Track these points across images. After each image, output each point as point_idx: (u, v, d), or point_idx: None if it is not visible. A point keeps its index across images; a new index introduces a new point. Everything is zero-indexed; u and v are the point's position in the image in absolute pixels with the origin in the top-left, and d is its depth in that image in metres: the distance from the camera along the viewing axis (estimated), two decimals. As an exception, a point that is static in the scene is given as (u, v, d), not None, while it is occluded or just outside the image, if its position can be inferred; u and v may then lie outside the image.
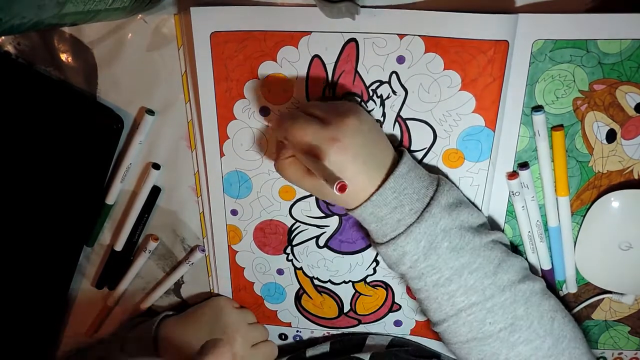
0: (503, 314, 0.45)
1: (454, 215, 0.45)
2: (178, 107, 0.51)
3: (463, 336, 0.47)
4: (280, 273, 0.57)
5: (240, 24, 0.46)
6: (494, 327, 0.45)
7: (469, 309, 0.45)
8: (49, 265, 0.56)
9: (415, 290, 0.48)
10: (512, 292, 0.45)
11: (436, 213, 0.44)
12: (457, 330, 0.47)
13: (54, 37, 0.50)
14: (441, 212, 0.44)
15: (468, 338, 0.46)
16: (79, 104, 0.51)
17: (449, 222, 0.44)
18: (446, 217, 0.44)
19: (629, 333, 0.55)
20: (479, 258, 0.45)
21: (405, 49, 0.45)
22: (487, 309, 0.45)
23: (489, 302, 0.45)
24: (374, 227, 0.45)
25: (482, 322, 0.46)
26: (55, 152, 0.51)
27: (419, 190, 0.44)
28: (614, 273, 0.51)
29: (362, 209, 0.44)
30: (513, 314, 0.45)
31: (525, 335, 0.46)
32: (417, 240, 0.44)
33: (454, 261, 0.44)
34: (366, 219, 0.45)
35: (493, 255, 0.46)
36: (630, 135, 0.47)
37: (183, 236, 0.57)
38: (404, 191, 0.44)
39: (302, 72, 0.47)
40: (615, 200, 0.48)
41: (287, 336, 0.61)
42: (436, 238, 0.44)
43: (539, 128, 0.46)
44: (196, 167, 0.53)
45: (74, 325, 0.63)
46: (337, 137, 0.41)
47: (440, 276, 0.45)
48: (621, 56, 0.44)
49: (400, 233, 0.44)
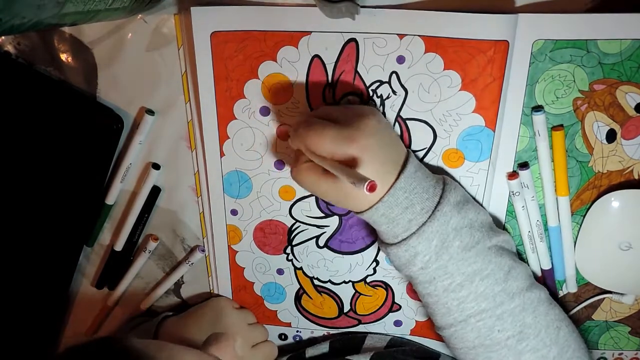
0: (512, 321, 0.45)
1: (463, 213, 0.45)
2: (178, 107, 0.51)
3: (470, 342, 0.46)
4: (280, 273, 0.57)
5: (240, 24, 0.46)
6: (502, 334, 0.45)
7: (478, 315, 0.45)
8: (49, 265, 0.56)
9: (423, 295, 0.47)
10: (521, 300, 0.45)
11: (447, 211, 0.44)
12: (464, 336, 0.46)
13: (54, 37, 0.50)
14: (451, 211, 0.44)
15: (475, 344, 0.46)
16: (79, 104, 0.51)
17: (459, 220, 0.44)
18: (456, 215, 0.44)
19: (629, 333, 0.55)
20: (490, 264, 0.45)
21: (405, 49, 0.45)
22: (497, 316, 0.45)
23: (498, 309, 0.45)
24: (385, 229, 0.45)
25: (490, 329, 0.45)
26: (55, 152, 0.51)
27: (428, 189, 0.44)
28: (614, 273, 0.51)
29: (374, 210, 0.44)
30: (522, 322, 0.45)
31: (532, 343, 0.45)
32: (429, 239, 0.44)
33: (466, 266, 0.44)
34: (377, 220, 0.45)
35: (503, 261, 0.46)
36: (630, 135, 0.47)
37: (183, 236, 0.57)
38: (413, 190, 0.43)
39: (302, 72, 0.47)
40: (615, 200, 0.48)
41: (287, 336, 0.61)
42: (448, 237, 0.44)
43: (539, 128, 0.46)
44: (196, 167, 0.53)
45: (74, 325, 0.63)
46: (356, 138, 0.41)
47: (451, 282, 0.45)
48: (621, 56, 0.44)
49: (412, 233, 0.44)
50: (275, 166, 0.51)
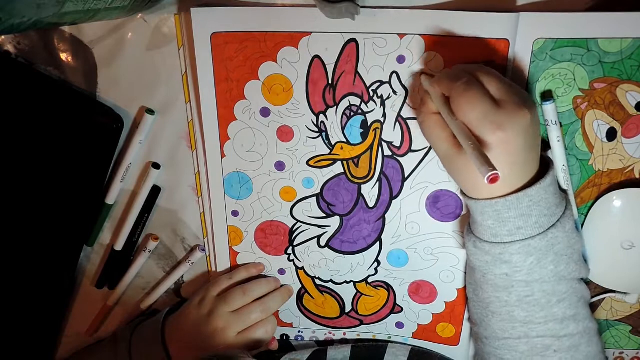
0: (569, 345, 0.45)
1: (571, 242, 0.44)
2: (178, 107, 0.51)
3: (518, 354, 0.46)
4: (281, 273, 0.57)
5: (240, 24, 0.46)
6: (556, 355, 0.45)
7: (542, 334, 0.45)
8: (49, 265, 0.56)
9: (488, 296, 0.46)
10: (584, 327, 0.46)
11: (559, 236, 0.43)
12: (517, 348, 0.46)
13: (54, 36, 0.49)
14: (562, 237, 0.43)
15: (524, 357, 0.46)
16: (78, 104, 0.51)
17: (563, 247, 0.43)
18: (563, 243, 0.43)
19: (630, 332, 0.55)
20: (570, 289, 0.45)
21: (405, 49, 0.45)
22: (558, 337, 0.45)
23: (563, 331, 0.45)
24: (490, 224, 0.43)
25: (547, 348, 0.45)
26: (55, 152, 0.51)
27: (550, 207, 0.42)
28: (616, 272, 0.51)
29: (491, 203, 0.42)
30: (576, 348, 0.45)
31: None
32: (529, 254, 0.42)
33: (549, 287, 0.44)
34: (487, 213, 0.42)
35: (580, 288, 0.46)
36: (630, 134, 0.47)
37: (183, 236, 0.57)
38: (539, 203, 0.41)
39: (303, 73, 0.47)
40: (617, 199, 0.48)
41: (289, 336, 0.61)
42: (547, 258, 0.43)
43: (550, 117, 0.45)
44: (197, 167, 0.53)
45: (74, 325, 0.63)
46: (505, 128, 0.38)
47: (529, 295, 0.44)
48: (622, 55, 0.44)
49: (516, 241, 0.42)
50: (276, 167, 0.51)
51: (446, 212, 0.51)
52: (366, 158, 0.50)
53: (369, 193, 0.51)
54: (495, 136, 0.38)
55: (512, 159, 0.40)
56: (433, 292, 0.55)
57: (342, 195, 0.52)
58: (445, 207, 0.50)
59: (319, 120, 0.49)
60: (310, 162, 0.51)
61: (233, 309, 0.54)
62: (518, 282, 0.44)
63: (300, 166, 0.51)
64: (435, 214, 0.51)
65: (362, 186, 0.51)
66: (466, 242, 0.47)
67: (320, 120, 0.49)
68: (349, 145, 0.50)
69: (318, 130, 0.49)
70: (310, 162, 0.51)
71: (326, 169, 0.51)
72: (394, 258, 0.54)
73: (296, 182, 0.52)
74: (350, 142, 0.49)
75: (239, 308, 0.54)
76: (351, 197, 0.52)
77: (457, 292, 0.54)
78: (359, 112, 0.48)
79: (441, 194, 0.50)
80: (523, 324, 0.45)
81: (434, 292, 0.55)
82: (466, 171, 0.42)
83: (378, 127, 0.48)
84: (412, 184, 0.50)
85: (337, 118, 0.49)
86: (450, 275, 0.53)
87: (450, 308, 0.55)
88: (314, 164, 0.51)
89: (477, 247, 0.45)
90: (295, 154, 0.51)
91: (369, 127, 0.49)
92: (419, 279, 0.55)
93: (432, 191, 0.50)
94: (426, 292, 0.55)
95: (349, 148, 0.50)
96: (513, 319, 0.45)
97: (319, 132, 0.49)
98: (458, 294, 0.54)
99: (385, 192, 0.51)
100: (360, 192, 0.51)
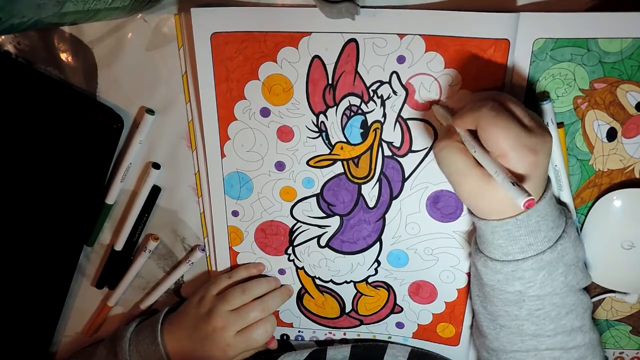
0: (577, 358, 0.45)
1: (576, 252, 0.44)
2: (178, 107, 0.51)
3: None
4: (281, 273, 0.57)
5: (240, 24, 0.46)
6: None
7: (550, 347, 0.45)
8: (49, 264, 0.56)
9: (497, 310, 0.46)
10: (589, 338, 0.46)
11: (567, 247, 0.43)
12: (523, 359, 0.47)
13: (54, 36, 0.49)
14: (570, 247, 0.43)
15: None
16: (78, 104, 0.51)
17: (572, 257, 0.44)
18: (571, 252, 0.44)
19: (630, 332, 0.55)
20: (577, 300, 0.45)
21: (405, 49, 0.45)
22: (566, 350, 0.45)
23: (570, 343, 0.45)
24: (501, 243, 0.42)
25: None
26: (55, 152, 0.51)
27: (555, 218, 0.43)
28: (617, 272, 0.51)
29: (501, 223, 0.41)
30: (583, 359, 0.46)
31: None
32: (540, 268, 0.43)
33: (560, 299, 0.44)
34: (497, 232, 0.42)
35: (585, 299, 0.46)
36: (631, 134, 0.47)
37: (183, 236, 0.57)
38: (545, 217, 0.42)
39: (303, 73, 0.47)
40: (617, 199, 0.48)
41: (289, 336, 0.61)
42: (557, 271, 0.43)
43: (549, 117, 0.45)
44: (197, 167, 0.53)
45: (74, 325, 0.63)
46: (537, 150, 0.38)
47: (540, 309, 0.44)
48: (622, 55, 0.44)
49: (528, 257, 0.42)
50: (276, 167, 0.51)
51: (446, 213, 0.51)
52: (366, 158, 0.50)
53: (369, 193, 0.51)
54: (528, 160, 0.38)
55: (537, 180, 0.40)
56: (433, 292, 0.55)
57: (342, 195, 0.52)
58: (446, 207, 0.50)
59: (319, 120, 0.49)
60: (310, 162, 0.51)
61: (232, 307, 0.54)
62: (530, 297, 0.44)
63: (300, 166, 0.51)
64: (436, 214, 0.51)
65: (362, 186, 0.51)
66: (475, 261, 0.47)
67: (320, 120, 0.49)
68: (349, 145, 0.50)
69: (318, 130, 0.49)
70: (310, 162, 0.51)
71: (326, 169, 0.51)
72: (394, 258, 0.54)
73: (296, 182, 0.52)
74: (350, 142, 0.49)
75: (238, 307, 0.54)
76: (351, 197, 0.52)
77: (457, 292, 0.54)
78: (359, 112, 0.48)
79: (441, 194, 0.50)
80: (532, 337, 0.45)
81: (434, 292, 0.55)
82: (480, 194, 0.41)
83: (378, 127, 0.48)
84: (412, 184, 0.50)
85: (337, 118, 0.49)
86: (451, 276, 0.53)
87: (451, 308, 0.55)
88: (314, 164, 0.51)
89: (488, 267, 0.45)
90: (295, 154, 0.51)
91: (369, 127, 0.49)
92: (419, 279, 0.55)
93: (432, 191, 0.50)
94: (426, 292, 0.55)
95: (349, 148, 0.50)
96: (522, 332, 0.46)
97: (319, 132, 0.49)
98: (458, 294, 0.54)
99: (386, 192, 0.51)
100: (360, 192, 0.51)
